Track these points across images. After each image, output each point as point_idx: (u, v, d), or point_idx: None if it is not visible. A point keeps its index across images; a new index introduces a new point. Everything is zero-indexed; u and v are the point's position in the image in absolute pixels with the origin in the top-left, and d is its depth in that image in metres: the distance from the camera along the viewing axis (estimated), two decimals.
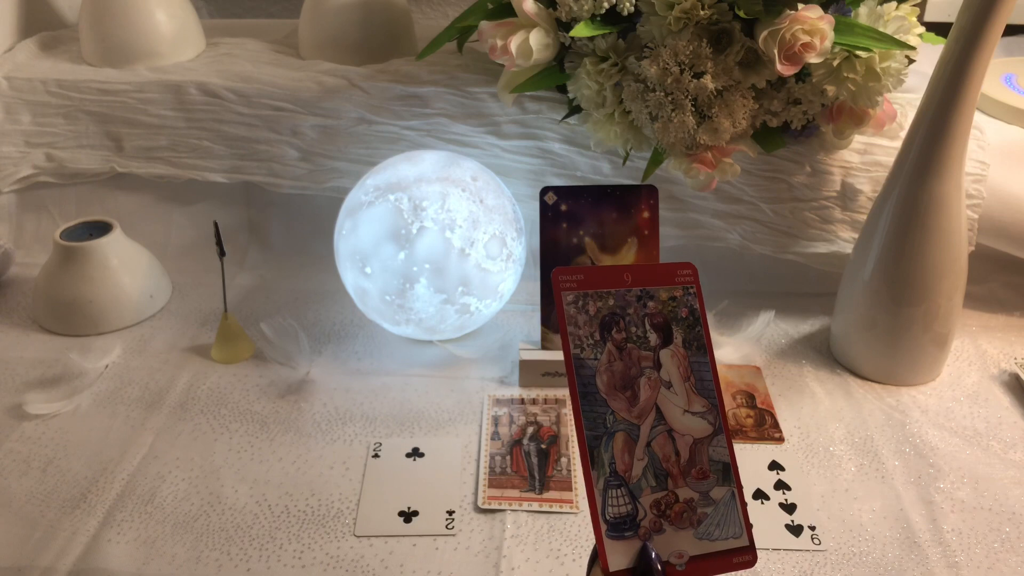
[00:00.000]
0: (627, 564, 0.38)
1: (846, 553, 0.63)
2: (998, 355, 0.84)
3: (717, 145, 0.79)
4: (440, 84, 0.93)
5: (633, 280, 0.44)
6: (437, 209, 0.76)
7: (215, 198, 0.99)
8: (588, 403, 0.41)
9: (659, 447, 0.41)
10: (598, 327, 0.43)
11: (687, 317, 0.44)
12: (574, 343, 0.42)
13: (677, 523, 0.40)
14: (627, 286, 0.44)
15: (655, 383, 0.42)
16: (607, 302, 0.43)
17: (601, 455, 0.40)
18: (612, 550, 0.39)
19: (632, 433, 0.41)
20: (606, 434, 0.41)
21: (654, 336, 0.43)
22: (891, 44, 0.75)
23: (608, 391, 0.42)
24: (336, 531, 0.65)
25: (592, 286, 0.43)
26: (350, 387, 0.80)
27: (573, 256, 0.81)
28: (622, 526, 0.39)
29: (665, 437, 0.42)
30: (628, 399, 0.42)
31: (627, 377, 0.42)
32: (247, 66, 1.00)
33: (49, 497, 0.68)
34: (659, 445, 0.41)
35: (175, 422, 0.76)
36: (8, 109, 0.98)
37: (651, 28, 0.77)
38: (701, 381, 0.43)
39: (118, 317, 0.88)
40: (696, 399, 0.43)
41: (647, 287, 0.44)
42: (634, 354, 0.43)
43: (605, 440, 0.41)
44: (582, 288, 0.43)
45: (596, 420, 0.41)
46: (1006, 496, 0.68)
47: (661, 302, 0.44)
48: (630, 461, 0.41)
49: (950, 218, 0.73)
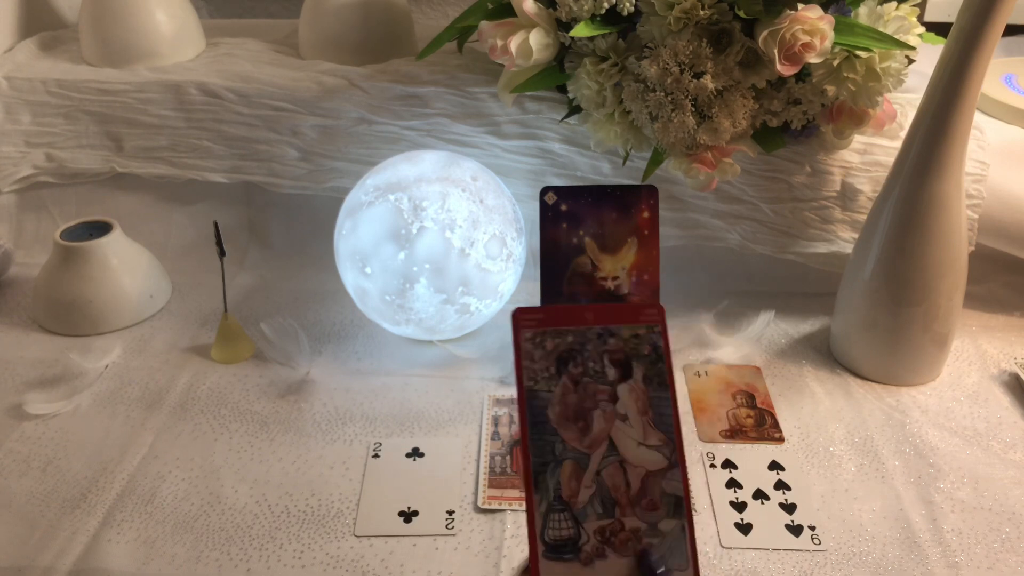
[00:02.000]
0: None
1: (846, 553, 0.63)
2: (998, 355, 0.84)
3: (717, 145, 0.79)
4: (440, 84, 0.93)
5: (595, 319, 0.44)
6: (437, 209, 0.76)
7: (215, 198, 0.99)
8: (537, 432, 0.42)
9: (609, 476, 0.42)
10: (554, 362, 0.43)
11: (650, 354, 0.44)
12: (528, 376, 0.43)
13: (621, 551, 0.41)
14: (588, 324, 0.44)
15: (610, 416, 0.43)
16: (565, 339, 0.44)
17: (546, 480, 0.41)
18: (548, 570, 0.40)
19: (581, 462, 0.42)
20: (553, 461, 0.42)
21: (612, 371, 0.44)
22: (891, 44, 0.75)
23: (559, 422, 0.42)
24: (336, 531, 0.65)
25: (552, 324, 0.44)
26: (350, 387, 0.80)
27: (573, 256, 0.81)
28: (562, 548, 0.40)
29: (616, 467, 0.42)
30: (580, 429, 0.42)
31: (581, 409, 0.43)
32: (247, 66, 1.00)
33: (49, 497, 0.68)
34: (609, 475, 0.42)
35: (175, 422, 0.76)
36: (8, 109, 0.98)
37: (651, 28, 0.77)
38: (660, 416, 0.43)
39: (118, 317, 0.88)
40: (653, 433, 0.43)
41: (609, 325, 0.44)
42: (590, 388, 0.43)
43: (552, 467, 0.41)
44: (542, 326, 0.44)
45: (544, 448, 0.42)
46: (1006, 496, 0.68)
47: (623, 339, 0.44)
48: (576, 488, 0.41)
49: (950, 218, 0.73)
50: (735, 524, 0.66)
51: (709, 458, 0.72)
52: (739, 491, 0.69)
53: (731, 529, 0.65)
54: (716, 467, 0.71)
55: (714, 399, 0.79)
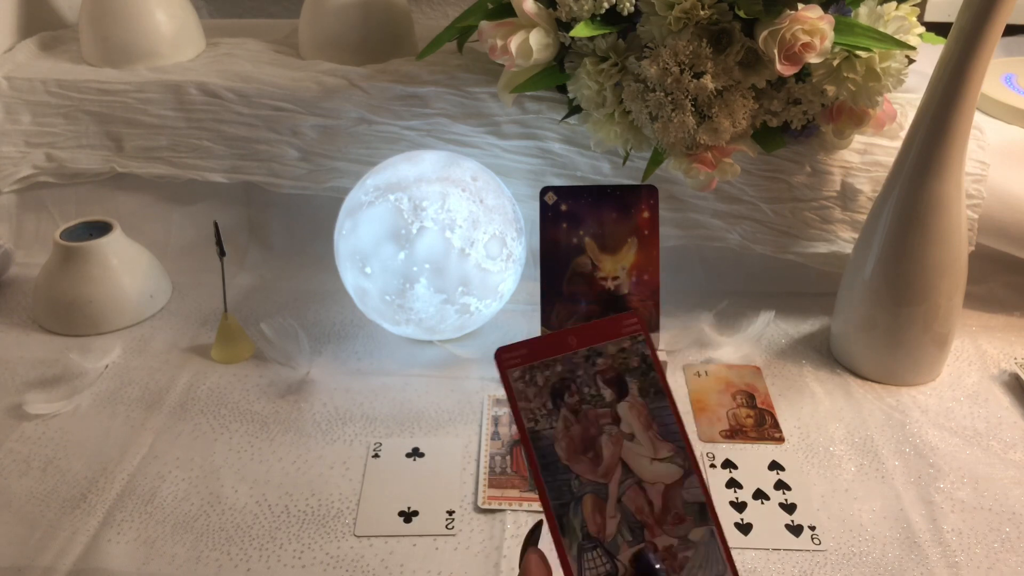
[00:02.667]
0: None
1: (846, 553, 0.63)
2: (998, 355, 0.84)
3: (717, 145, 0.79)
4: (440, 84, 0.93)
5: (579, 342, 0.43)
6: (437, 209, 0.76)
7: (215, 198, 0.99)
8: (550, 473, 0.41)
9: (631, 501, 0.41)
10: (549, 396, 0.42)
11: (639, 366, 0.43)
12: (527, 417, 0.42)
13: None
14: (572, 349, 0.43)
15: (617, 439, 0.42)
16: (555, 369, 0.43)
17: (571, 521, 0.40)
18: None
19: (600, 493, 0.41)
20: (573, 500, 0.40)
21: (608, 392, 0.43)
22: (891, 44, 0.75)
23: (569, 457, 0.41)
24: (336, 531, 0.65)
25: (537, 357, 0.43)
26: (350, 387, 0.80)
27: (573, 256, 0.81)
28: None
29: (636, 490, 0.41)
30: (591, 460, 0.41)
31: (587, 438, 0.42)
32: (247, 66, 1.00)
33: (49, 497, 0.68)
34: (630, 499, 0.41)
35: (175, 422, 0.76)
36: (8, 109, 0.98)
37: (651, 28, 0.77)
38: (664, 426, 0.43)
39: (118, 317, 0.88)
40: (662, 445, 0.42)
41: (593, 345, 0.43)
42: (591, 415, 0.42)
43: (573, 506, 0.40)
44: (527, 362, 0.43)
45: (560, 488, 0.41)
46: (1006, 496, 0.68)
47: (611, 356, 0.43)
48: (602, 521, 0.40)
49: (950, 218, 0.73)
50: (735, 524, 0.66)
51: (709, 458, 0.72)
52: (739, 491, 0.69)
53: (731, 529, 0.65)
54: (716, 467, 0.71)
55: (714, 399, 0.79)
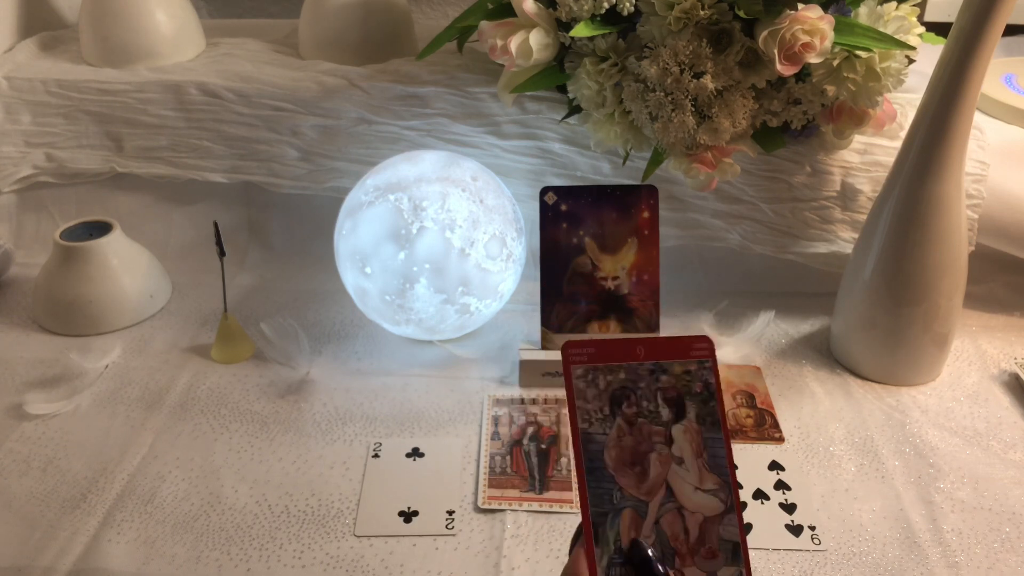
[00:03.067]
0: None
1: (846, 553, 0.63)
2: (998, 355, 0.84)
3: (717, 145, 0.79)
4: (440, 84, 0.93)
5: (646, 354, 0.43)
6: (437, 209, 0.76)
7: (215, 198, 0.99)
8: (595, 479, 0.40)
9: (668, 525, 0.40)
10: (608, 401, 0.42)
11: (701, 392, 0.43)
12: (582, 418, 0.41)
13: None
14: (639, 359, 0.42)
15: (666, 459, 0.41)
16: (618, 376, 0.42)
17: (607, 532, 0.39)
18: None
19: (640, 510, 0.40)
20: (612, 511, 0.40)
21: (666, 411, 0.42)
22: (891, 44, 0.75)
23: (617, 467, 0.41)
24: (336, 531, 0.65)
25: (603, 359, 0.42)
26: (350, 387, 0.80)
27: (573, 256, 0.81)
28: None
29: (675, 515, 0.40)
30: (637, 475, 0.41)
31: (637, 453, 0.41)
32: (247, 66, 1.00)
33: (49, 497, 0.68)
34: (668, 523, 0.40)
35: (175, 422, 0.76)
36: (8, 109, 0.98)
37: (651, 28, 0.77)
38: (714, 458, 0.42)
39: (118, 317, 0.88)
40: (708, 476, 0.41)
41: (660, 360, 0.43)
42: (645, 429, 0.42)
43: (611, 517, 0.40)
44: (592, 362, 0.42)
45: (602, 496, 0.40)
46: (1006, 496, 0.68)
47: (675, 376, 0.43)
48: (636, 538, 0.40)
49: (950, 218, 0.73)
50: None
51: None
52: (739, 491, 0.69)
53: None
54: None
55: None
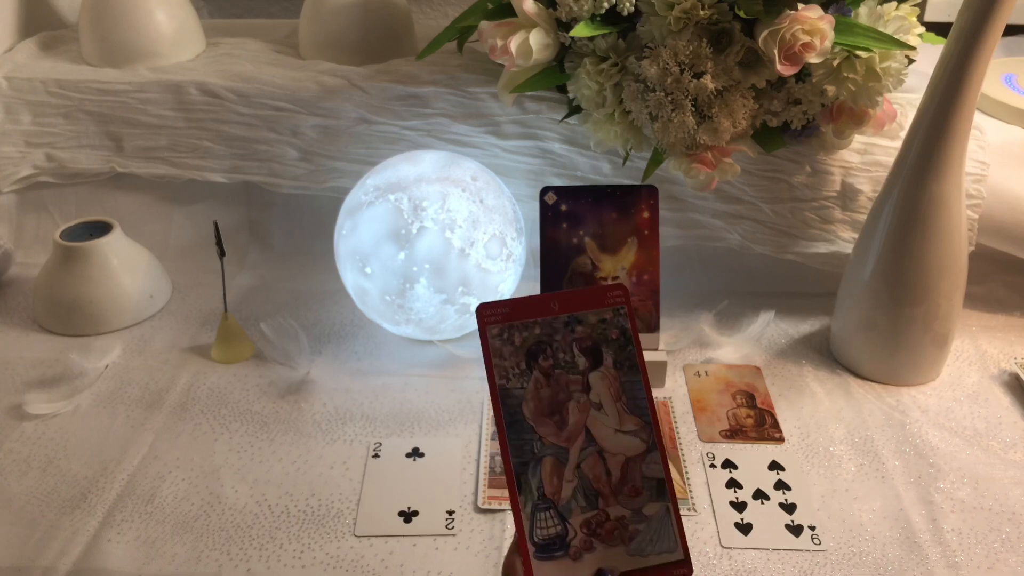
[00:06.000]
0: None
1: (846, 553, 0.63)
2: (998, 355, 0.84)
3: (717, 145, 0.79)
4: (440, 84, 0.93)
5: (560, 307, 0.44)
6: (437, 209, 0.76)
7: (215, 198, 0.99)
8: (514, 431, 0.42)
9: (589, 468, 0.42)
10: (524, 356, 0.43)
11: (618, 338, 0.44)
12: (499, 374, 0.43)
13: (608, 541, 0.40)
14: (554, 314, 0.44)
15: (584, 406, 0.43)
16: (533, 331, 0.44)
17: (528, 481, 0.41)
18: (540, 571, 0.39)
19: (560, 457, 0.42)
20: (533, 460, 0.42)
21: (583, 360, 0.44)
22: (891, 44, 0.75)
23: (535, 418, 0.42)
24: (336, 531, 0.65)
25: (517, 317, 0.44)
26: (350, 387, 0.80)
27: (573, 256, 0.81)
28: (551, 547, 0.40)
29: (596, 458, 0.42)
30: (556, 424, 0.42)
31: (555, 402, 0.43)
32: (247, 66, 1.00)
33: (49, 497, 0.68)
34: (589, 466, 0.42)
35: (175, 422, 0.76)
36: (8, 109, 0.98)
37: (651, 28, 0.77)
38: (633, 400, 0.43)
39: (118, 317, 0.88)
40: (628, 418, 0.43)
41: (575, 312, 0.44)
42: (562, 379, 0.43)
43: (532, 466, 0.41)
44: (507, 320, 0.44)
45: (523, 447, 0.42)
46: (1006, 496, 0.68)
47: (590, 326, 0.44)
48: (559, 484, 0.41)
49: (950, 218, 0.73)
50: (735, 524, 0.66)
51: (709, 458, 0.72)
52: (739, 491, 0.69)
53: (731, 529, 0.65)
54: (716, 467, 0.71)
55: (714, 399, 0.79)
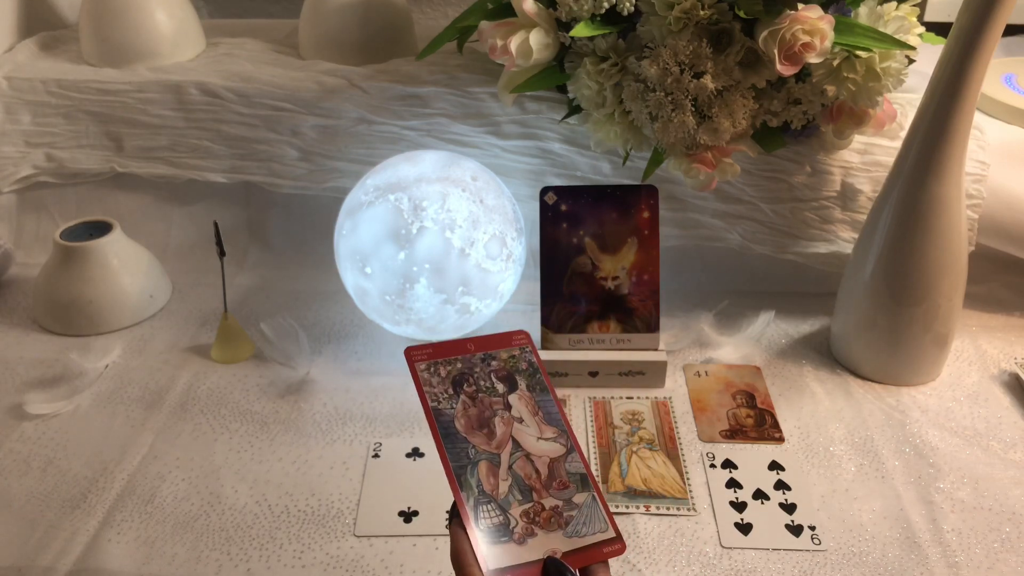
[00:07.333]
0: (505, 564, 0.44)
1: (846, 553, 0.63)
2: (998, 355, 0.84)
3: (717, 145, 0.79)
4: (440, 84, 0.93)
5: (476, 348, 0.53)
6: (437, 209, 0.76)
7: (215, 198, 0.99)
8: (450, 441, 0.48)
9: (520, 468, 0.49)
10: (450, 384, 0.51)
11: (527, 369, 0.53)
12: (431, 398, 0.50)
13: (547, 527, 0.46)
14: (470, 353, 0.52)
15: (508, 420, 0.50)
16: (456, 366, 0.52)
17: (469, 480, 0.47)
18: (491, 554, 0.44)
19: (494, 461, 0.48)
20: (470, 463, 0.48)
21: (501, 386, 0.52)
22: (891, 44, 0.75)
23: (467, 431, 0.49)
24: (336, 531, 0.65)
25: (440, 356, 0.52)
26: (350, 387, 0.80)
27: (573, 256, 0.81)
28: (497, 533, 0.46)
29: (524, 460, 0.49)
30: (486, 435, 0.49)
31: (482, 419, 0.50)
32: (247, 66, 1.00)
33: (49, 497, 0.68)
34: (520, 467, 0.49)
35: (175, 422, 0.76)
36: (8, 109, 0.98)
37: (651, 28, 0.77)
38: (548, 414, 0.51)
39: (118, 317, 0.88)
40: (547, 428, 0.51)
41: (488, 351, 0.53)
42: (486, 401, 0.51)
43: (470, 468, 0.48)
44: (431, 358, 0.52)
45: (460, 453, 0.48)
46: (1006, 496, 0.68)
47: (503, 360, 0.53)
48: (495, 482, 0.48)
49: (950, 218, 0.73)
50: (735, 524, 0.66)
51: (709, 458, 0.72)
52: (739, 491, 0.69)
53: (731, 529, 0.65)
54: (716, 467, 0.71)
55: (714, 399, 0.79)
